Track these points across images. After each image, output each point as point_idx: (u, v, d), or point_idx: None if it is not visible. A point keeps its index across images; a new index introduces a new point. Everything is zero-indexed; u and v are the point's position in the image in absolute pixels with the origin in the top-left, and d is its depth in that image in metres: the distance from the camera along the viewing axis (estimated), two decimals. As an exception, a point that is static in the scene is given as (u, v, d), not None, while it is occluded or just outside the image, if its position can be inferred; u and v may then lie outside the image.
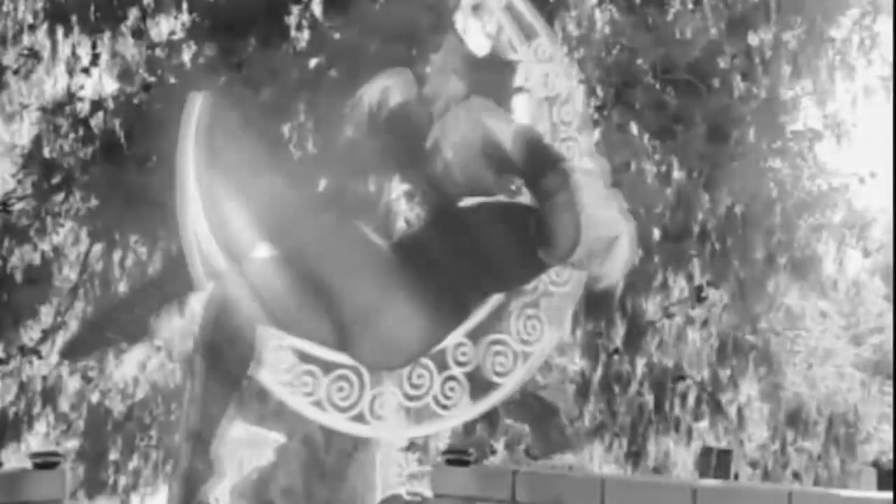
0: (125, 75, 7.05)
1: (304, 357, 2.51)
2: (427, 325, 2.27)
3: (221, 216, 2.22)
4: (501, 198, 2.42)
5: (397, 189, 7.00)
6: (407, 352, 2.34)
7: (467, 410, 2.68)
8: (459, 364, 2.64)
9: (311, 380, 2.53)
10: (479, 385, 2.69)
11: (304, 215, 2.25)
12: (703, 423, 8.15)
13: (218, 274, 2.22)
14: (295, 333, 2.37)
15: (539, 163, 2.34)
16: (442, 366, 2.61)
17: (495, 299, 2.68)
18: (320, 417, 2.56)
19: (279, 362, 2.48)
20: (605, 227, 2.39)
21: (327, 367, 2.49)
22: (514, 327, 2.69)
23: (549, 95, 2.82)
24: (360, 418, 2.59)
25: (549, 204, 2.33)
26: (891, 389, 9.50)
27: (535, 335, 2.69)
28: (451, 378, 2.62)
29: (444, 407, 2.63)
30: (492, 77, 2.45)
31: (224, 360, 2.19)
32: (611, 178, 2.73)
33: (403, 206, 7.07)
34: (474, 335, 2.67)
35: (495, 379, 2.67)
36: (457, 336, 2.61)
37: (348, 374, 2.53)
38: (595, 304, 7.16)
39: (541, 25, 2.83)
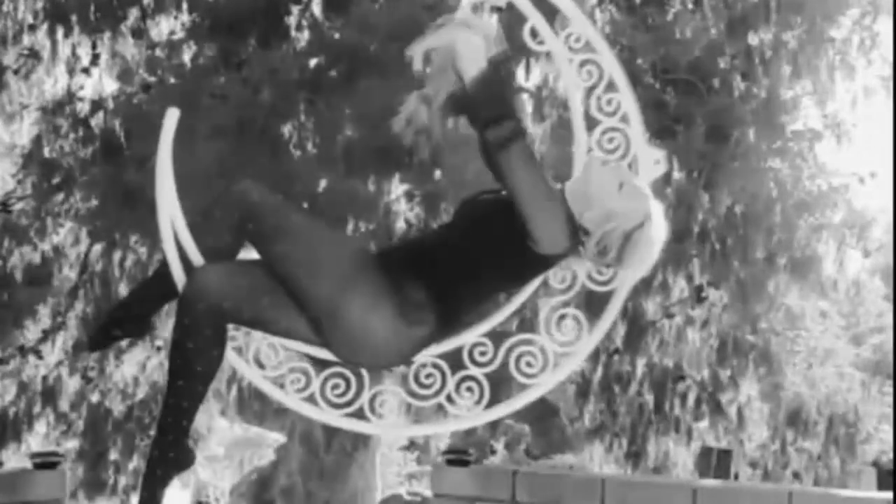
0: (125, 75, 7.06)
1: (301, 354, 2.50)
2: (404, 327, 2.22)
3: (194, 219, 2.35)
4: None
5: (397, 189, 7.01)
6: (380, 353, 2.27)
7: (489, 412, 2.55)
8: (478, 364, 2.52)
9: (304, 377, 2.50)
10: (502, 386, 2.60)
11: (274, 216, 2.28)
12: (703, 423, 8.15)
13: (190, 273, 2.28)
14: (271, 332, 2.39)
15: (488, 107, 2.16)
16: (457, 365, 2.52)
17: (521, 298, 2.57)
18: (313, 413, 2.52)
19: (267, 358, 2.48)
20: (621, 218, 2.28)
21: (322, 363, 2.46)
22: (544, 327, 2.54)
23: (586, 86, 2.60)
24: (359, 415, 2.55)
25: (492, 163, 2.18)
26: (891, 389, 9.50)
27: (570, 336, 2.54)
28: (469, 378, 2.52)
29: (460, 407, 2.55)
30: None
31: (191, 356, 2.22)
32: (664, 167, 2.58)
33: (403, 206, 7.08)
34: (496, 335, 2.57)
35: (523, 380, 2.53)
36: (473, 336, 2.53)
37: (345, 371, 2.49)
38: (595, 303, 7.15)
39: (573, 13, 2.59)
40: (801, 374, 8.66)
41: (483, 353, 2.53)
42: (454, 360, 2.54)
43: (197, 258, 2.32)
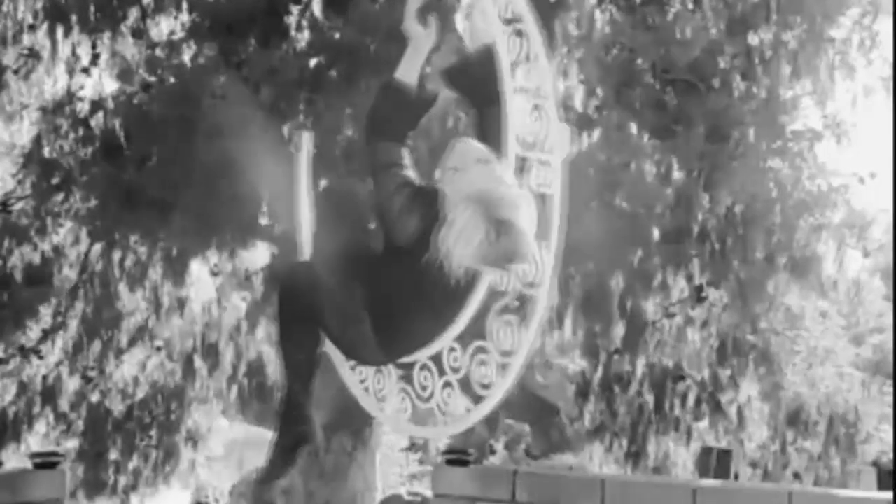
0: (125, 75, 7.05)
1: None
2: (344, 323, 2.37)
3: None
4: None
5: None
6: (346, 347, 2.46)
7: (464, 419, 2.55)
8: (454, 370, 2.54)
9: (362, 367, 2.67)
10: (470, 393, 2.58)
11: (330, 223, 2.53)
12: (703, 423, 8.15)
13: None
14: None
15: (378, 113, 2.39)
16: (440, 370, 2.56)
17: (478, 300, 2.47)
18: (364, 400, 2.68)
19: None
20: (459, 217, 2.18)
21: None
22: (491, 332, 2.49)
23: (512, 59, 2.46)
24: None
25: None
26: (891, 389, 9.50)
27: (511, 341, 2.47)
28: (448, 384, 2.55)
29: (444, 413, 2.56)
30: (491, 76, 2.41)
31: (280, 339, 2.45)
32: (571, 146, 2.53)
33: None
34: (463, 339, 2.54)
35: (480, 391, 2.51)
36: (447, 340, 2.52)
37: (382, 367, 2.63)
38: (594, 304, 7.17)
39: None
40: (801, 374, 8.65)
41: (455, 359, 2.53)
42: (438, 364, 2.57)
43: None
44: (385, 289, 2.33)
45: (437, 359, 2.55)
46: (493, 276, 2.40)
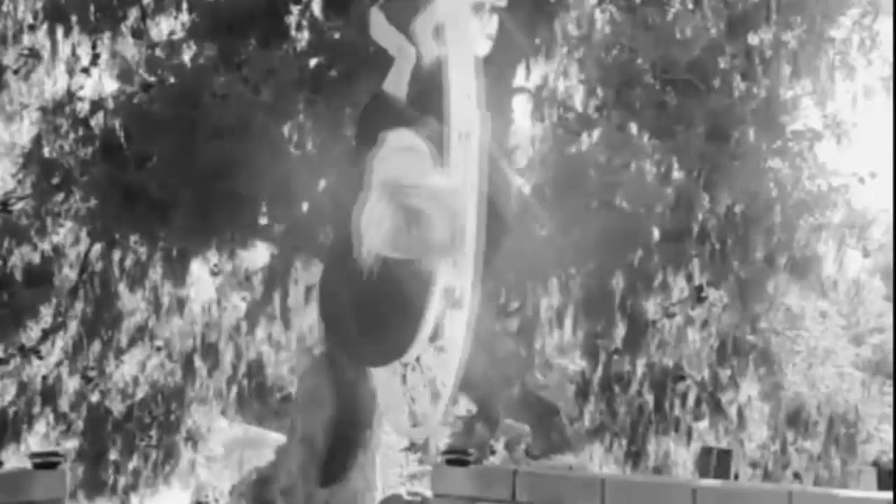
0: (125, 75, 7.05)
1: None
2: (348, 323, 2.33)
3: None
4: None
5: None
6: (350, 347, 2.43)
7: (430, 419, 2.50)
8: (427, 370, 2.51)
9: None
10: (434, 392, 2.58)
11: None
12: (703, 423, 8.15)
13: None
14: None
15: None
16: (421, 371, 2.57)
17: (439, 297, 2.43)
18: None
19: None
20: (371, 204, 2.12)
21: None
22: (442, 329, 2.46)
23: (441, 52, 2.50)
24: None
25: None
26: (891, 389, 9.50)
27: (448, 336, 2.43)
28: (424, 385, 2.52)
29: (423, 413, 2.55)
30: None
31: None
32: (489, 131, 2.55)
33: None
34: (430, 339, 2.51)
35: (439, 390, 2.47)
36: (426, 340, 2.47)
37: (395, 367, 2.59)
38: (595, 304, 7.16)
39: None
40: (801, 374, 8.65)
41: (428, 359, 2.50)
42: (422, 365, 2.56)
43: None
44: (359, 288, 2.31)
45: (420, 360, 2.56)
46: (428, 266, 2.32)
